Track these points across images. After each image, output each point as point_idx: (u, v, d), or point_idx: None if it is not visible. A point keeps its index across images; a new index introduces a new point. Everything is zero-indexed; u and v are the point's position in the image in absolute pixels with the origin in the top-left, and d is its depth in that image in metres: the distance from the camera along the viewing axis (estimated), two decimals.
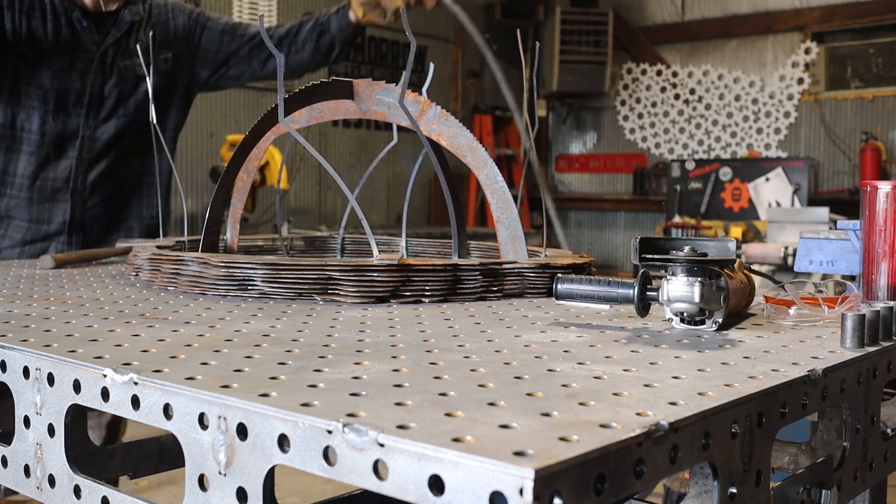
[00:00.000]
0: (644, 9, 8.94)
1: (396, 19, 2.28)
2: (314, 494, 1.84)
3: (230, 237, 1.79)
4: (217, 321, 1.13)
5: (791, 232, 4.64)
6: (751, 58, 8.35)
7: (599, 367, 0.88)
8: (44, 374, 0.89)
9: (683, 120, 8.68)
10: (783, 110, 8.15)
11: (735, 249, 1.21)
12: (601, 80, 8.68)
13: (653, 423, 0.64)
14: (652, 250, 1.20)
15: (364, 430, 0.62)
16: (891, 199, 1.27)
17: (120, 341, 0.97)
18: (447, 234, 1.79)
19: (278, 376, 0.80)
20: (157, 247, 1.60)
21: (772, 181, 7.40)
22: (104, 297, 1.36)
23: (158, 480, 2.02)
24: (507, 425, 0.64)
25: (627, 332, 1.11)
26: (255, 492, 0.70)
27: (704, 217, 7.50)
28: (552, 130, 9.62)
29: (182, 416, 0.75)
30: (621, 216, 9.21)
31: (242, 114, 7.10)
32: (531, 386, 0.78)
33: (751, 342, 1.05)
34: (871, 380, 1.01)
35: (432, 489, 0.58)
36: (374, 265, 1.33)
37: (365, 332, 1.07)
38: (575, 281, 1.18)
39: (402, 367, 0.85)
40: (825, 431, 1.19)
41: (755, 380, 0.82)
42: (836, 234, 1.54)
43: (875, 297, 1.29)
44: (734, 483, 0.74)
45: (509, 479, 0.55)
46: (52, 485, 0.89)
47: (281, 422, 0.68)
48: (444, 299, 1.36)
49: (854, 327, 1.02)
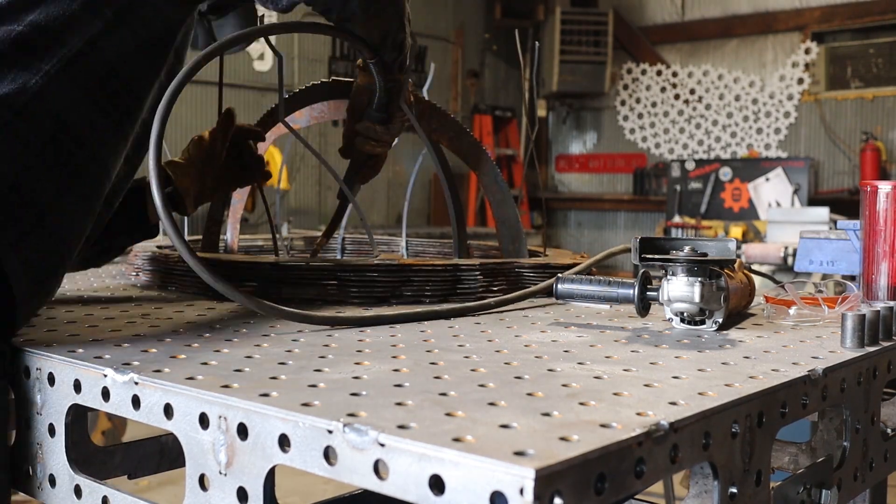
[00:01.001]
0: (644, 9, 8.94)
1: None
2: (314, 494, 1.84)
3: (230, 237, 1.79)
4: (217, 321, 1.13)
5: (791, 232, 4.64)
6: (751, 58, 8.36)
7: (600, 367, 0.88)
8: (44, 373, 0.89)
9: (683, 120, 8.68)
10: (783, 110, 8.15)
11: (735, 249, 1.21)
12: (601, 80, 8.68)
13: (653, 423, 0.64)
14: (652, 250, 1.20)
15: (364, 430, 0.62)
16: (891, 199, 1.27)
17: (120, 341, 0.97)
18: (447, 234, 1.79)
19: (279, 376, 0.80)
20: (157, 247, 1.60)
21: (772, 181, 7.40)
22: (104, 296, 1.36)
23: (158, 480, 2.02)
24: (507, 425, 0.64)
25: (627, 332, 1.11)
26: (256, 492, 0.70)
27: (704, 217, 7.51)
28: (552, 130, 9.62)
29: (182, 415, 0.75)
30: (621, 216, 9.21)
31: (242, 114, 7.08)
32: (531, 386, 0.78)
33: (751, 342, 1.05)
34: (871, 380, 1.01)
35: (433, 489, 0.58)
36: (374, 265, 1.33)
37: (365, 332, 1.07)
38: (575, 281, 1.18)
39: (402, 367, 0.85)
40: (825, 431, 1.19)
41: (755, 380, 0.82)
42: (836, 234, 1.54)
43: (875, 297, 1.29)
44: (734, 483, 0.74)
45: (510, 478, 0.55)
46: (52, 484, 0.89)
47: (281, 422, 0.68)
48: (444, 299, 1.35)
49: (854, 327, 1.02)
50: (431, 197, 8.29)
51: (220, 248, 1.68)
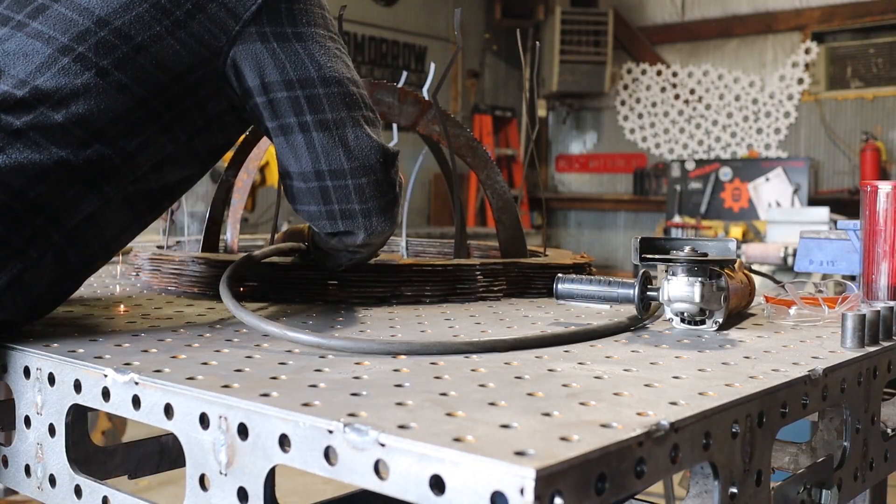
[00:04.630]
0: (644, 9, 8.93)
1: None
2: (314, 494, 1.84)
3: (230, 237, 1.79)
4: (218, 321, 1.13)
5: (791, 232, 4.63)
6: (751, 58, 8.35)
7: (600, 367, 0.88)
8: (44, 373, 0.89)
9: (683, 120, 8.67)
10: (783, 110, 8.15)
11: (735, 249, 1.21)
12: (601, 80, 8.67)
13: (653, 423, 0.64)
14: (652, 250, 1.20)
15: (365, 430, 0.62)
16: (891, 199, 1.27)
17: (120, 341, 0.97)
18: (447, 234, 1.79)
19: (279, 376, 0.80)
20: (157, 247, 1.60)
21: (772, 181, 7.40)
22: (105, 296, 1.36)
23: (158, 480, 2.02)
24: (507, 425, 0.64)
25: (628, 332, 1.11)
26: (256, 492, 0.70)
27: (704, 217, 7.50)
28: (552, 130, 9.61)
29: (183, 415, 0.75)
30: (621, 216, 9.20)
31: None
32: (532, 386, 0.78)
33: (751, 342, 1.05)
34: (871, 380, 1.01)
35: (433, 489, 0.58)
36: (374, 265, 1.33)
37: (365, 332, 1.07)
38: (575, 281, 1.18)
39: (402, 367, 0.85)
40: (825, 431, 1.19)
41: (755, 380, 0.82)
42: (836, 234, 1.54)
43: (875, 297, 1.29)
44: (734, 483, 0.74)
45: (510, 478, 0.55)
46: (52, 484, 0.89)
47: (282, 422, 0.68)
48: (444, 299, 1.35)
49: (854, 327, 1.02)
50: (431, 197, 8.29)
51: (220, 248, 1.67)
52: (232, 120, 1.13)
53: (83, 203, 0.99)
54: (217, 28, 1.06)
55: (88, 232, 1.01)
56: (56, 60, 1.00)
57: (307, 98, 1.10)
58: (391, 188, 1.16)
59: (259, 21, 1.08)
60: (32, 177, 0.95)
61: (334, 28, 1.17)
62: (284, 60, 1.09)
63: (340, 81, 1.12)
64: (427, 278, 1.35)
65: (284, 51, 1.09)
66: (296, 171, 1.14)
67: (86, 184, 0.99)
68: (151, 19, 1.04)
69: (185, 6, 1.05)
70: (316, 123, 1.11)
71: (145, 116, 1.03)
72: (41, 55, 1.00)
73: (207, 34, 1.06)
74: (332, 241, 1.20)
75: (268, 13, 1.09)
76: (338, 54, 1.14)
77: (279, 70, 1.09)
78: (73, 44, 1.01)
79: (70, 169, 0.97)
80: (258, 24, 1.08)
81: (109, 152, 1.00)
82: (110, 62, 1.01)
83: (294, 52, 1.10)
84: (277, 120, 1.11)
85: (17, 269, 0.94)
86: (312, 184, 1.13)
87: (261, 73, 1.09)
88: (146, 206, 1.08)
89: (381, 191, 1.14)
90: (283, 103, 1.10)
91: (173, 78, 1.04)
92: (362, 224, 1.15)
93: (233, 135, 1.17)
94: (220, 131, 1.13)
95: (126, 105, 1.01)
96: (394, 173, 1.17)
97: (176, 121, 1.06)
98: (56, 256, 0.98)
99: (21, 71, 0.99)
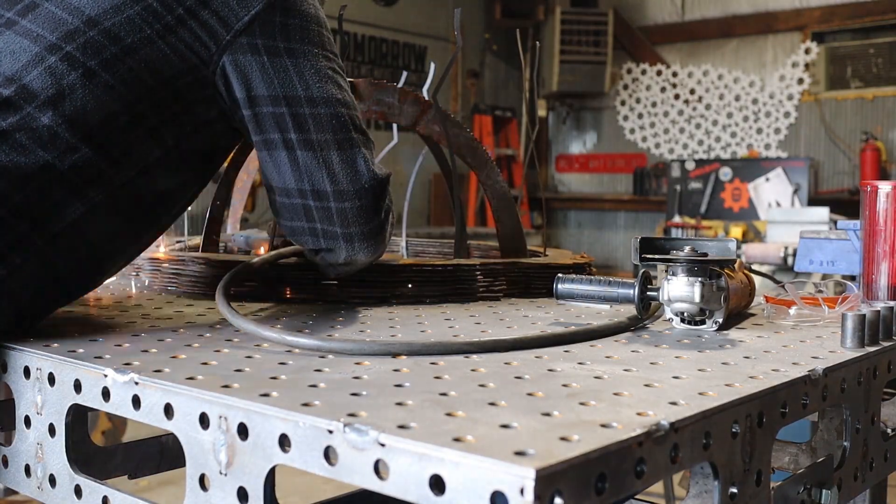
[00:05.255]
0: (644, 9, 8.93)
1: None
2: (315, 494, 1.84)
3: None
4: (217, 321, 1.13)
5: (791, 232, 4.63)
6: (751, 58, 8.35)
7: (600, 367, 0.88)
8: (44, 373, 0.89)
9: (683, 120, 8.67)
10: (783, 110, 8.15)
11: (735, 249, 1.21)
12: (601, 80, 8.67)
13: (653, 423, 0.64)
14: (652, 250, 1.20)
15: (365, 430, 0.62)
16: (891, 199, 1.27)
17: (120, 341, 0.97)
18: (447, 234, 1.79)
19: (279, 376, 0.80)
20: (157, 247, 1.60)
21: (772, 181, 7.40)
22: (105, 296, 1.36)
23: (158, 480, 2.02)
24: (507, 425, 0.64)
25: (628, 332, 1.11)
26: (256, 492, 0.70)
27: (704, 217, 7.50)
28: (552, 130, 9.61)
29: (183, 415, 0.75)
30: (621, 216, 9.20)
31: None
32: (532, 386, 0.78)
33: (751, 342, 1.05)
34: (871, 380, 1.01)
35: (433, 489, 0.58)
36: (374, 265, 1.32)
37: (365, 332, 1.07)
38: (575, 281, 1.18)
39: (402, 367, 0.85)
40: (825, 431, 1.19)
41: (755, 380, 0.82)
42: (836, 234, 1.54)
43: (875, 297, 1.29)
44: (734, 483, 0.74)
45: (510, 478, 0.55)
46: (52, 484, 0.89)
47: (282, 421, 0.68)
48: (444, 299, 1.35)
49: (854, 327, 1.02)
50: (431, 197, 8.29)
51: (220, 247, 1.67)
52: (223, 128, 1.12)
53: (68, 208, 0.98)
54: (208, 36, 1.05)
55: (75, 238, 0.99)
56: (43, 59, 0.99)
57: (292, 116, 1.09)
58: (376, 215, 1.14)
59: (251, 32, 1.07)
60: (16, 181, 0.94)
61: (332, 48, 1.16)
62: (273, 75, 1.08)
63: (329, 102, 1.11)
64: (427, 278, 1.35)
65: (274, 66, 1.08)
66: (279, 187, 1.13)
67: (71, 188, 0.97)
68: (142, 22, 1.03)
69: (176, 11, 1.04)
70: (300, 142, 1.10)
71: (132, 119, 1.01)
72: (28, 53, 0.99)
73: (198, 41, 1.05)
74: (315, 258, 1.20)
75: (261, 25, 1.08)
76: (330, 75, 1.12)
77: (266, 84, 1.08)
78: (61, 43, 1.00)
79: (55, 173, 0.96)
80: (250, 36, 1.07)
81: (95, 156, 0.99)
82: (98, 63, 1.00)
83: (284, 67, 1.09)
84: (262, 134, 1.10)
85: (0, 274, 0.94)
86: (296, 200, 1.13)
87: (248, 86, 1.07)
88: (138, 213, 1.07)
89: (365, 217, 1.13)
90: (267, 118, 1.09)
91: (162, 82, 1.03)
92: (344, 247, 1.15)
93: (225, 142, 1.16)
94: (211, 138, 1.11)
95: (112, 107, 1.00)
96: (383, 200, 1.15)
97: (163, 125, 1.04)
98: (41, 262, 0.97)
99: (8, 69, 0.98)
